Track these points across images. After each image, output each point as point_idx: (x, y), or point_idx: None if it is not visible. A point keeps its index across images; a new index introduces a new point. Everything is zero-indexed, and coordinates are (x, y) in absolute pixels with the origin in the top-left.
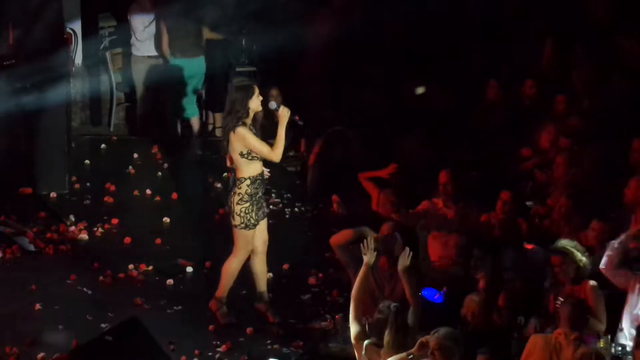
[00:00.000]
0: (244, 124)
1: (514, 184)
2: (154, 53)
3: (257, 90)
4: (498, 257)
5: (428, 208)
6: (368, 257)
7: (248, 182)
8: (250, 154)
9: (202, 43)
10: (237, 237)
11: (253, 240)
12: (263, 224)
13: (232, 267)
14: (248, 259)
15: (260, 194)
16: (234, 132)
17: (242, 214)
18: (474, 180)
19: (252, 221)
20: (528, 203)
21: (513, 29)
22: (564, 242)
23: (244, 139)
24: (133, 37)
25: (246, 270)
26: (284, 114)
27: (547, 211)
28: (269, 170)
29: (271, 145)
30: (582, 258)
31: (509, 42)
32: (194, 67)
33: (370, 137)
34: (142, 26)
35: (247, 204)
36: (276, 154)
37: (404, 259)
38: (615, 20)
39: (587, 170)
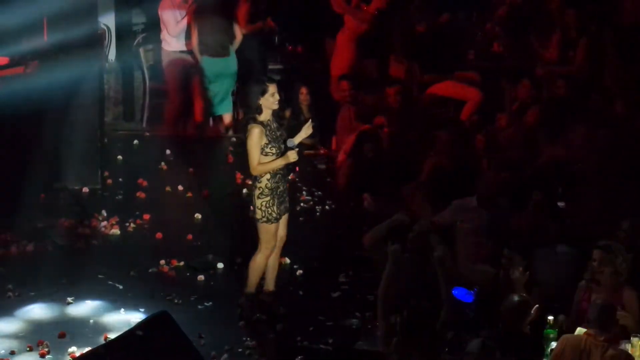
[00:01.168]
0: (256, 121)
1: (547, 184)
2: (185, 49)
3: (271, 89)
4: (528, 258)
5: (461, 207)
6: None
7: (268, 176)
8: (264, 150)
9: (232, 42)
10: (260, 231)
11: (276, 235)
12: (283, 220)
13: (257, 262)
14: None
15: (281, 188)
16: (250, 127)
17: (263, 208)
18: (506, 180)
19: (275, 215)
20: (560, 204)
21: (543, 25)
22: (611, 243)
23: (250, 136)
24: (164, 32)
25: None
26: (293, 157)
27: (579, 212)
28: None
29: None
30: (622, 263)
31: (540, 40)
32: (224, 66)
33: (400, 135)
34: (174, 21)
35: (268, 198)
36: (256, 170)
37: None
38: None
39: (619, 171)
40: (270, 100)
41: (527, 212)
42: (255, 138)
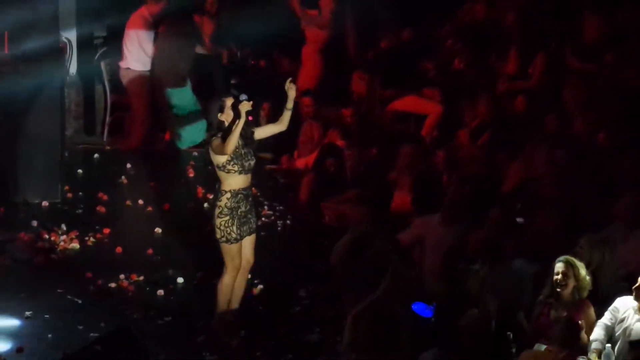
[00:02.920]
0: (217, 137)
1: (505, 200)
2: (145, 68)
3: (227, 103)
4: (485, 272)
5: (423, 225)
6: None
7: (228, 195)
8: (226, 167)
9: (186, 74)
10: (223, 251)
11: (239, 254)
12: (248, 242)
13: (223, 284)
14: None
15: (243, 209)
16: (211, 141)
17: (222, 228)
18: (467, 196)
19: (233, 235)
20: (518, 220)
21: (503, 42)
22: (572, 257)
23: (214, 147)
24: (125, 49)
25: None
26: (242, 109)
27: (538, 228)
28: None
29: None
30: (586, 276)
31: (500, 57)
32: (182, 97)
33: (363, 150)
34: (137, 40)
35: (227, 218)
36: (227, 146)
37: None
38: (607, 40)
39: (577, 187)
40: (230, 115)
41: (486, 228)
42: (216, 147)
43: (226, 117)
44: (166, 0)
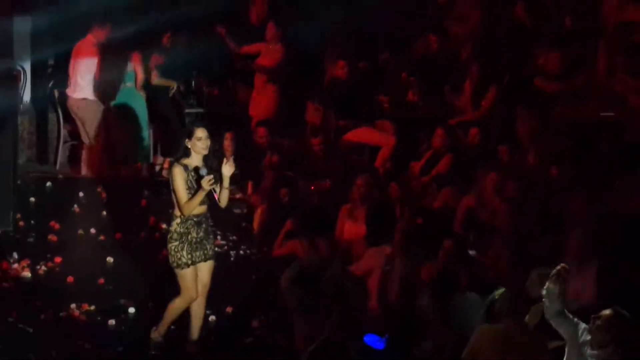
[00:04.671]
0: (180, 164)
1: (457, 233)
2: (91, 96)
3: (199, 132)
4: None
5: (376, 255)
6: None
7: (178, 220)
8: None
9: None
10: (177, 276)
11: (193, 281)
12: (204, 267)
13: (174, 305)
14: None
15: (194, 234)
16: (172, 168)
17: (172, 252)
18: (419, 227)
19: (184, 260)
20: (471, 252)
21: (458, 75)
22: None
23: (173, 177)
24: (76, 78)
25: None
26: (204, 184)
27: (489, 261)
28: (211, 177)
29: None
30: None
31: (454, 89)
32: (116, 109)
33: (315, 180)
34: (87, 68)
35: (177, 243)
36: (185, 208)
37: None
38: (561, 71)
39: (529, 221)
40: (197, 145)
41: (439, 260)
42: (178, 177)
43: (192, 145)
44: (110, 25)
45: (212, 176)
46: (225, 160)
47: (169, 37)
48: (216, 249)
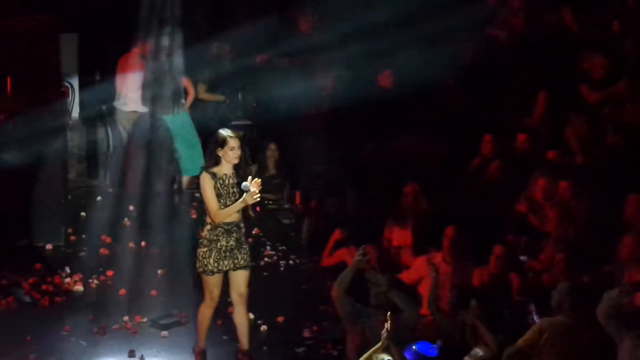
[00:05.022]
0: (207, 170)
1: (508, 239)
2: (141, 109)
3: (231, 142)
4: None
5: (426, 263)
6: None
7: (208, 227)
8: None
9: (182, 99)
10: (203, 282)
11: (217, 287)
12: (237, 276)
13: (200, 313)
14: None
15: (223, 242)
16: (200, 175)
17: (200, 258)
18: (470, 235)
19: (210, 267)
20: (522, 258)
21: (506, 81)
22: None
23: (202, 185)
24: (120, 91)
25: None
26: (250, 198)
27: (541, 266)
28: (256, 192)
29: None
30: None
31: (503, 96)
32: (178, 123)
33: (364, 190)
34: (131, 81)
35: (205, 249)
36: (217, 217)
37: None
38: (608, 77)
39: (580, 225)
40: (229, 154)
41: (490, 265)
42: (207, 185)
43: (224, 154)
44: (156, 37)
45: (257, 191)
46: (250, 179)
47: (217, 50)
48: (266, 259)
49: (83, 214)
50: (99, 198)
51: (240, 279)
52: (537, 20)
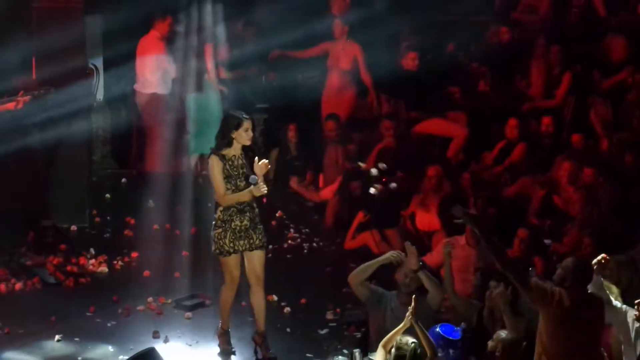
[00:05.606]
0: (216, 153)
1: (532, 222)
2: (159, 90)
3: (246, 124)
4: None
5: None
6: None
7: (221, 207)
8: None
9: (209, 79)
10: (220, 264)
11: (236, 268)
12: (253, 257)
13: (222, 295)
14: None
15: (238, 223)
16: (209, 157)
17: (215, 239)
18: (493, 218)
19: (226, 248)
20: (546, 241)
21: (530, 64)
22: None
23: (210, 168)
24: (139, 73)
25: None
26: (257, 191)
27: (565, 249)
28: (264, 186)
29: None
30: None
31: (527, 78)
32: (203, 103)
33: (387, 173)
34: (156, 63)
35: (220, 230)
36: (223, 201)
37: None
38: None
39: (604, 209)
40: (243, 136)
41: (514, 249)
42: (216, 168)
43: (237, 136)
44: (171, 16)
45: (264, 185)
46: (257, 159)
47: (241, 29)
48: (289, 241)
49: (107, 195)
50: (123, 180)
51: (256, 259)
52: (564, 2)
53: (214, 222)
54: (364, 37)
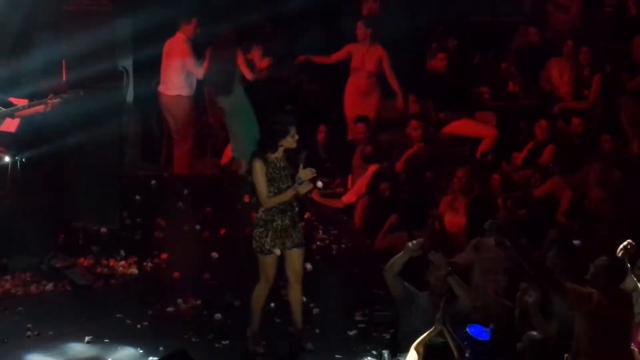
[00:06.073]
0: (260, 156)
1: (562, 222)
2: (184, 92)
3: (292, 131)
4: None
5: (479, 248)
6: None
7: (262, 208)
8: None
9: (235, 81)
10: (258, 262)
11: (273, 267)
12: (293, 255)
13: (256, 294)
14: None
15: (279, 222)
16: (253, 162)
17: (257, 238)
18: (523, 218)
19: (267, 247)
20: (576, 242)
21: (560, 66)
22: None
23: (254, 172)
24: (166, 75)
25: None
26: (302, 189)
27: (595, 250)
28: (311, 185)
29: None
30: None
31: (557, 79)
32: (230, 105)
33: (416, 174)
34: (182, 65)
35: (262, 229)
36: (266, 203)
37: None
38: None
39: (633, 210)
40: (290, 142)
41: (543, 250)
42: (260, 172)
43: (286, 143)
44: (196, 17)
45: (311, 185)
46: (302, 165)
47: (269, 31)
48: (318, 243)
49: (138, 197)
50: (153, 182)
51: (296, 258)
52: (596, 2)
53: (255, 221)
54: (390, 38)
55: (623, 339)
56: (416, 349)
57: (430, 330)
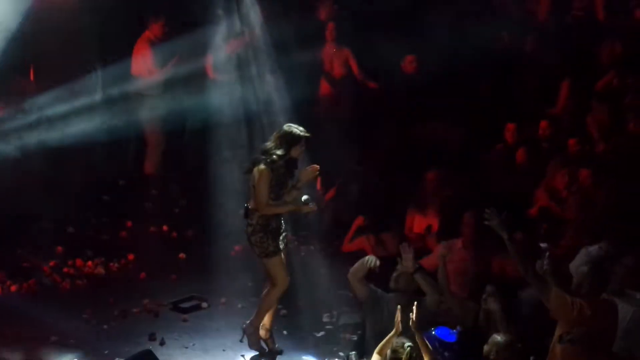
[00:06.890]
0: (271, 163)
1: (529, 225)
2: (152, 92)
3: (303, 141)
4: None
5: (446, 249)
6: None
7: (257, 213)
8: None
9: (203, 82)
10: (268, 267)
11: (283, 268)
12: (283, 256)
13: (270, 296)
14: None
15: (274, 225)
16: (258, 167)
17: (258, 244)
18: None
19: (272, 248)
20: (542, 245)
21: (529, 69)
22: None
23: (259, 177)
24: (134, 75)
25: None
26: (307, 209)
27: (561, 252)
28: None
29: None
30: None
31: (525, 84)
32: (204, 105)
33: (385, 176)
34: (143, 63)
35: (261, 234)
36: (264, 210)
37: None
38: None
39: (600, 213)
40: (298, 150)
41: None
42: (265, 178)
43: (294, 151)
44: (164, 16)
45: (315, 207)
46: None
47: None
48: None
49: (105, 197)
50: (120, 182)
51: (284, 257)
52: (563, 5)
53: (251, 228)
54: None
55: (604, 345)
56: (379, 352)
57: (392, 332)
